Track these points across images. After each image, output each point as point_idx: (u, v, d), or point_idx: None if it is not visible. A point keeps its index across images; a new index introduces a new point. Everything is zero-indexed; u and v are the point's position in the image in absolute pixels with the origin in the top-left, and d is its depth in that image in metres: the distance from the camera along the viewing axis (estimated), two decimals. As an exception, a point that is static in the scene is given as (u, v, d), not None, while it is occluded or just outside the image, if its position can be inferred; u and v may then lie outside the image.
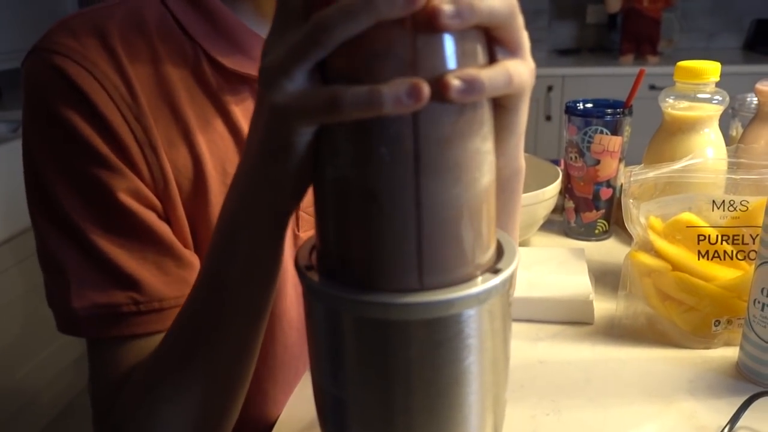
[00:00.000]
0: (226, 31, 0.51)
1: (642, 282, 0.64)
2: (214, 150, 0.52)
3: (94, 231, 0.47)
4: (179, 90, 0.50)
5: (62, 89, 0.46)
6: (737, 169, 0.62)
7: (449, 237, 0.32)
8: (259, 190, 0.36)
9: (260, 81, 0.32)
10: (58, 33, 0.48)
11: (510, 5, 0.30)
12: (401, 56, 0.29)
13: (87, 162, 0.46)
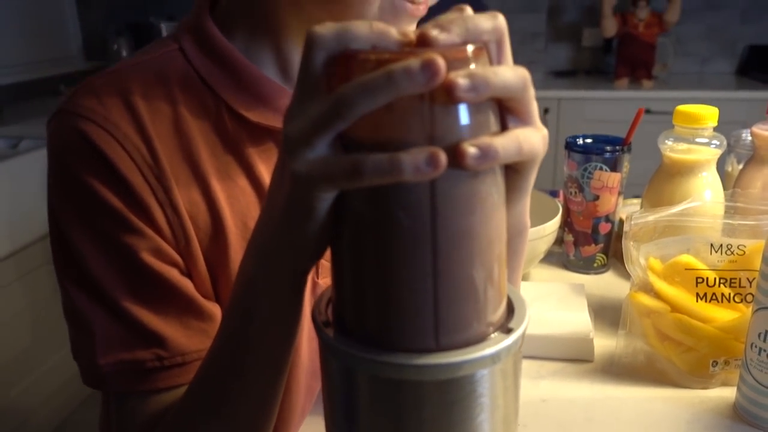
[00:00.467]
0: (249, 85, 0.52)
1: (641, 322, 0.65)
2: (235, 204, 0.52)
3: (118, 290, 0.48)
4: (200, 145, 0.51)
5: (85, 152, 0.47)
6: (734, 213, 0.64)
7: (464, 298, 0.33)
8: (279, 251, 0.37)
9: (283, 148, 0.33)
10: (82, 95, 0.49)
11: (523, 78, 0.32)
12: (419, 126, 0.30)
13: (110, 224, 0.47)
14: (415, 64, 0.28)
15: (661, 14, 2.66)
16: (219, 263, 0.52)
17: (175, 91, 0.51)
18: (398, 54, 0.30)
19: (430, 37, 0.30)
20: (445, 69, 0.28)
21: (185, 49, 0.52)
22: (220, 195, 0.52)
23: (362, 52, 0.31)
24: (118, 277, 0.48)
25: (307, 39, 0.32)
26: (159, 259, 0.49)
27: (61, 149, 0.48)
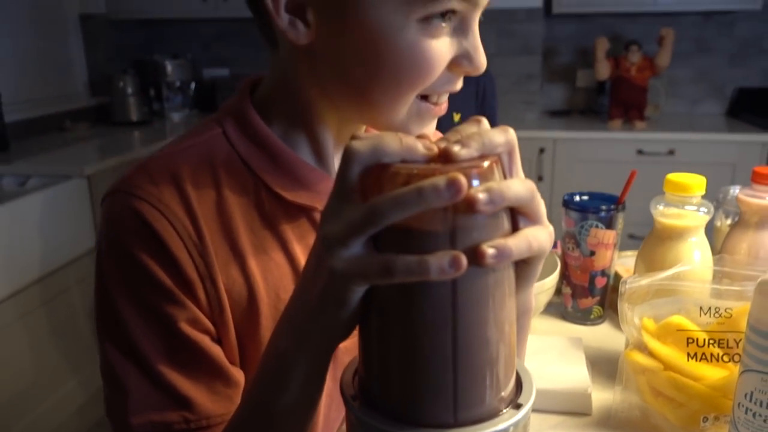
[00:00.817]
0: (286, 167, 0.57)
1: (636, 379, 0.69)
2: (269, 277, 0.57)
3: (155, 355, 0.52)
4: (239, 222, 0.55)
5: (139, 230, 0.52)
6: (722, 278, 0.69)
7: (480, 378, 0.38)
8: (312, 332, 0.42)
9: (321, 246, 0.38)
10: (138, 177, 0.54)
11: (530, 190, 0.37)
12: (443, 231, 0.35)
13: (155, 295, 0.52)
14: (441, 182, 0.33)
15: (653, 58, 2.75)
16: (249, 332, 0.56)
17: (219, 172, 0.56)
18: (424, 168, 0.35)
19: (453, 153, 0.36)
20: (467, 186, 0.33)
21: (228, 134, 0.57)
22: (256, 269, 0.56)
23: (393, 166, 0.36)
24: (156, 343, 0.52)
25: (346, 153, 0.37)
26: (195, 329, 0.53)
27: (117, 225, 0.53)
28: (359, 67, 0.52)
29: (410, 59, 0.50)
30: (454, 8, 0.49)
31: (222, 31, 3.39)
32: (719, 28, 2.97)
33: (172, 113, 3.17)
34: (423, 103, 0.54)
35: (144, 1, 3.07)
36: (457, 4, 0.49)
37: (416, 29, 0.49)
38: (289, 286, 0.57)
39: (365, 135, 0.37)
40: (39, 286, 1.92)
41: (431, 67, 0.51)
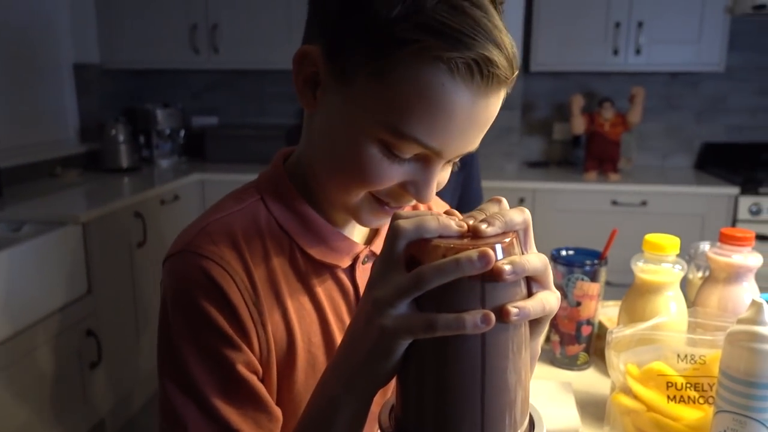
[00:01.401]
0: (314, 230, 0.65)
1: (622, 419, 0.77)
2: (303, 324, 0.65)
3: (211, 392, 0.58)
4: (280, 276, 0.64)
5: (204, 283, 0.59)
6: (696, 327, 0.77)
7: (503, 417, 0.45)
8: (361, 379, 0.49)
9: (371, 308, 0.46)
10: (200, 238, 0.62)
11: (545, 263, 0.46)
12: (475, 295, 0.43)
13: (217, 341, 0.59)
14: (474, 256, 0.42)
15: (625, 115, 2.91)
16: (287, 372, 0.64)
17: (264, 234, 0.64)
18: (459, 243, 0.44)
19: (480, 230, 0.44)
20: (495, 259, 0.42)
21: (266, 202, 0.66)
22: (293, 316, 0.64)
23: (433, 241, 0.44)
24: (213, 382, 0.59)
25: (393, 229, 0.45)
26: (248, 370, 0.60)
27: (184, 280, 0.60)
28: (328, 148, 0.60)
29: (363, 164, 0.56)
30: (416, 153, 0.56)
31: (212, 82, 3.49)
32: (686, 87, 3.16)
33: (161, 160, 3.23)
34: (375, 204, 0.61)
35: (137, 52, 3.17)
36: (420, 150, 0.55)
37: (379, 149, 0.56)
38: (317, 331, 0.65)
39: (407, 213, 0.46)
40: (32, 332, 1.93)
41: (377, 179, 0.57)
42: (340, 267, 0.67)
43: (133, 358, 2.48)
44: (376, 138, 0.55)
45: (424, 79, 0.51)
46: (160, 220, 2.63)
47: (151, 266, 2.58)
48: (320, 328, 0.66)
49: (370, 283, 0.48)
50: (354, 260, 0.67)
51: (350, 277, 0.68)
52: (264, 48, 3.09)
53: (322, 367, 0.66)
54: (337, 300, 0.67)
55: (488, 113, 0.55)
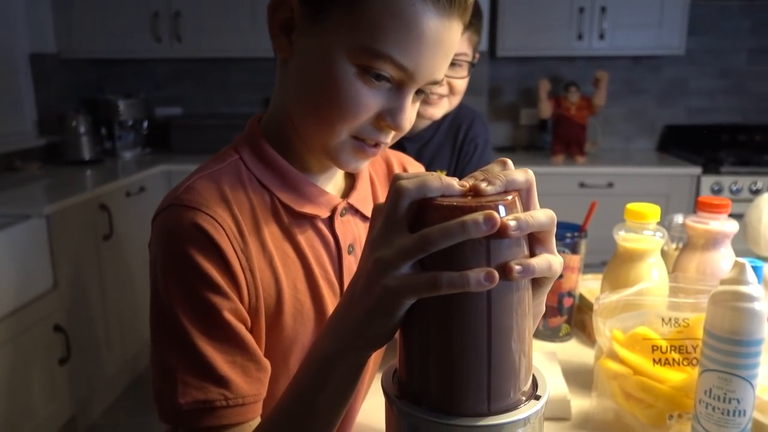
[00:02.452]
0: (291, 183, 0.69)
1: (610, 384, 0.78)
2: (288, 272, 0.67)
3: (200, 341, 0.59)
4: (264, 227, 0.66)
5: (193, 233, 0.61)
6: (678, 292, 0.79)
7: (508, 374, 0.45)
8: (357, 340, 0.49)
9: (373, 268, 0.46)
10: (187, 193, 0.64)
11: (551, 218, 0.46)
12: (480, 252, 0.43)
13: (205, 288, 0.60)
14: (480, 218, 0.41)
15: (590, 98, 2.96)
16: (275, 320, 0.66)
17: (247, 189, 0.67)
18: (462, 201, 0.44)
19: (481, 189, 0.44)
20: (499, 220, 0.42)
21: (245, 160, 0.69)
22: (278, 263, 0.67)
23: (437, 200, 0.44)
24: (202, 330, 0.60)
25: (396, 188, 0.45)
26: (235, 317, 0.62)
27: (173, 231, 0.62)
28: (304, 86, 0.63)
29: (339, 95, 0.60)
30: (390, 74, 0.59)
31: (175, 71, 3.42)
32: (648, 71, 3.23)
33: (124, 152, 3.16)
34: (356, 142, 0.64)
35: (96, 41, 3.09)
36: (393, 71, 0.59)
37: (355, 73, 0.59)
38: (302, 278, 0.68)
39: (409, 174, 0.46)
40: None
41: (356, 108, 0.60)
42: (319, 218, 0.70)
43: (104, 353, 2.43)
44: (353, 64, 0.59)
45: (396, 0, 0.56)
46: (126, 212, 2.57)
47: (118, 259, 2.53)
48: (305, 275, 0.69)
49: (372, 243, 0.47)
50: (332, 212, 0.71)
51: (330, 228, 0.71)
52: (228, 36, 3.04)
53: (309, 313, 0.69)
54: (318, 249, 0.70)
55: (451, 38, 0.60)
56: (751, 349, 0.67)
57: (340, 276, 0.72)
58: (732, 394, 0.68)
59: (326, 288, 0.71)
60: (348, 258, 0.73)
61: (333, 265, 0.72)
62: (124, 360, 2.59)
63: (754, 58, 3.17)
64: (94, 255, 2.36)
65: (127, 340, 2.60)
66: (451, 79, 1.29)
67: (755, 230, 1.10)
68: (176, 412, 0.59)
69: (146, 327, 0.64)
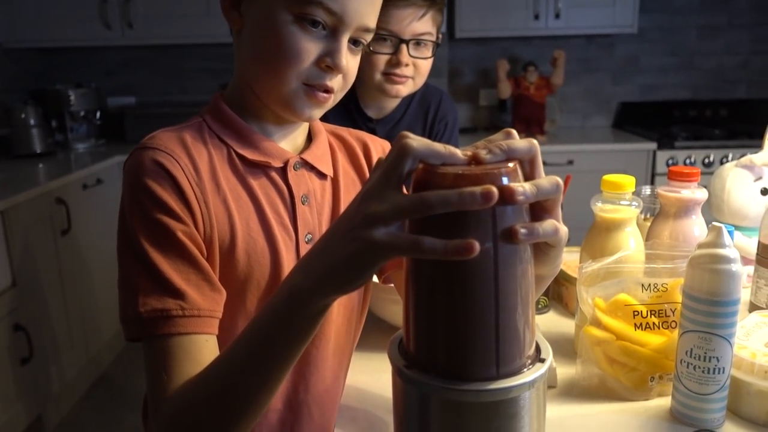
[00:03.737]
0: (247, 137, 0.76)
1: (594, 350, 0.80)
2: (241, 211, 0.74)
3: (158, 258, 0.66)
4: (220, 173, 0.73)
5: (154, 168, 0.68)
6: (655, 258, 0.82)
7: (515, 338, 0.46)
8: (329, 282, 0.51)
9: (361, 220, 0.47)
10: (151, 140, 0.71)
11: (556, 184, 0.47)
12: (485, 217, 0.44)
13: (161, 212, 0.67)
14: (478, 192, 0.42)
15: (548, 78, 3.00)
16: (229, 253, 0.72)
17: (207, 142, 0.75)
18: (466, 169, 0.44)
19: (481, 157, 0.45)
20: (498, 196, 0.42)
21: (207, 122, 0.77)
22: (232, 203, 0.73)
23: (442, 168, 0.44)
24: (159, 250, 0.66)
25: (401, 146, 0.45)
26: (189, 240, 0.68)
27: (137, 168, 0.69)
28: (254, 47, 0.72)
29: (283, 44, 0.68)
30: (323, 19, 0.68)
31: (127, 59, 3.33)
32: (602, 50, 3.29)
33: (77, 143, 3.06)
34: (307, 88, 0.72)
35: (42, 29, 2.97)
36: (325, 16, 0.68)
37: (293, 23, 0.68)
38: (255, 218, 0.75)
39: (415, 136, 0.45)
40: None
41: (298, 52, 0.69)
42: (272, 167, 0.77)
43: (67, 351, 2.36)
44: (290, 13, 0.68)
45: None
46: (84, 205, 2.49)
47: (77, 254, 2.45)
48: (257, 216, 0.75)
49: (364, 194, 0.48)
50: (285, 164, 0.77)
51: (283, 178, 0.77)
52: (181, 22, 2.96)
53: (263, 252, 0.74)
54: (272, 196, 0.76)
55: None
56: (729, 309, 0.69)
57: (295, 222, 0.77)
58: (712, 352, 0.70)
59: (280, 230, 0.76)
60: (302, 207, 0.78)
61: (288, 213, 0.77)
62: (87, 358, 2.52)
63: (703, 35, 3.27)
64: (53, 250, 2.29)
65: (90, 337, 2.54)
66: (416, 60, 1.29)
67: (719, 199, 1.14)
68: (137, 321, 0.65)
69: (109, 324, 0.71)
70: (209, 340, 0.66)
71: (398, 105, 1.41)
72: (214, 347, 0.67)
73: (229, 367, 0.60)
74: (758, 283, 0.97)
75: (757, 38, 3.27)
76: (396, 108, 1.41)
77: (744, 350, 0.76)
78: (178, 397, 0.62)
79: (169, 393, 0.63)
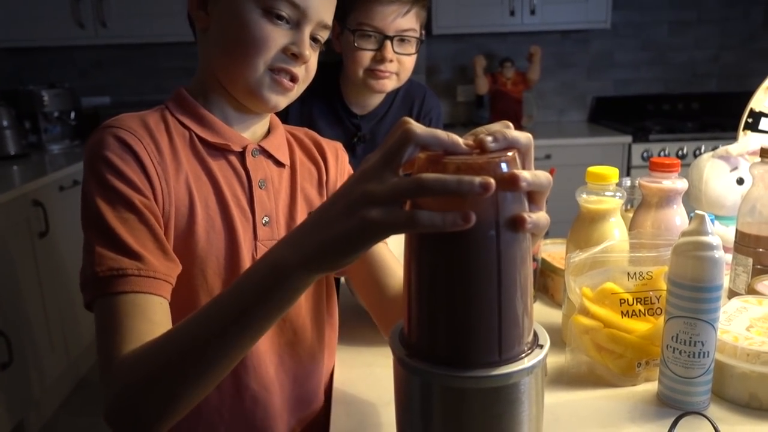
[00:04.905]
0: (207, 124, 0.80)
1: (582, 338, 0.82)
2: (200, 191, 0.77)
3: (115, 224, 0.68)
4: (182, 155, 0.77)
5: (116, 144, 0.72)
6: (639, 248, 0.84)
7: (515, 324, 0.48)
8: (317, 258, 0.51)
9: (359, 198, 0.47)
10: (114, 121, 0.75)
11: (549, 179, 0.48)
12: (490, 203, 0.45)
13: (121, 182, 0.70)
14: (477, 181, 0.43)
15: (525, 73, 3.04)
16: (188, 229, 0.76)
17: (170, 127, 0.78)
18: (468, 158, 0.45)
19: (486, 145, 0.46)
20: (494, 186, 0.43)
21: (170, 109, 0.80)
22: (192, 184, 0.77)
23: (445, 157, 0.45)
24: (117, 217, 0.69)
25: (404, 131, 0.46)
26: (147, 210, 0.71)
27: (99, 145, 0.72)
28: (223, 40, 0.76)
29: (251, 33, 0.74)
30: (288, 14, 0.74)
31: (101, 58, 3.28)
32: (576, 45, 3.34)
33: (51, 145, 3.01)
34: (273, 75, 0.76)
35: (12, 28, 2.91)
36: (289, 10, 0.74)
37: (259, 15, 0.74)
38: (213, 199, 0.78)
39: (417, 123, 0.46)
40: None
41: (265, 41, 0.74)
42: (231, 150, 0.80)
43: (48, 355, 2.33)
44: (258, 8, 0.73)
45: None
46: (61, 207, 2.46)
47: (56, 257, 2.42)
48: (215, 196, 0.78)
49: (362, 176, 0.48)
50: (244, 149, 0.81)
51: (242, 163, 0.81)
52: (156, 20, 2.93)
53: (220, 230, 0.78)
54: (231, 179, 0.80)
55: None
56: (713, 294, 0.72)
57: (252, 205, 0.81)
58: (697, 337, 0.73)
59: (237, 211, 0.79)
60: (259, 191, 0.81)
61: (245, 195, 0.80)
62: (68, 362, 2.49)
63: (674, 30, 3.33)
64: (31, 253, 2.25)
65: (70, 340, 2.50)
66: (400, 56, 1.30)
67: (697, 189, 1.17)
68: (93, 280, 0.67)
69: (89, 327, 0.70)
70: (163, 303, 0.69)
71: (382, 101, 1.42)
72: (167, 311, 0.69)
73: (195, 333, 0.60)
74: (736, 270, 1.00)
75: (726, 33, 3.34)
76: (380, 104, 1.42)
77: (727, 334, 0.79)
78: (131, 359, 0.62)
79: (122, 352, 0.63)
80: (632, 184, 1.10)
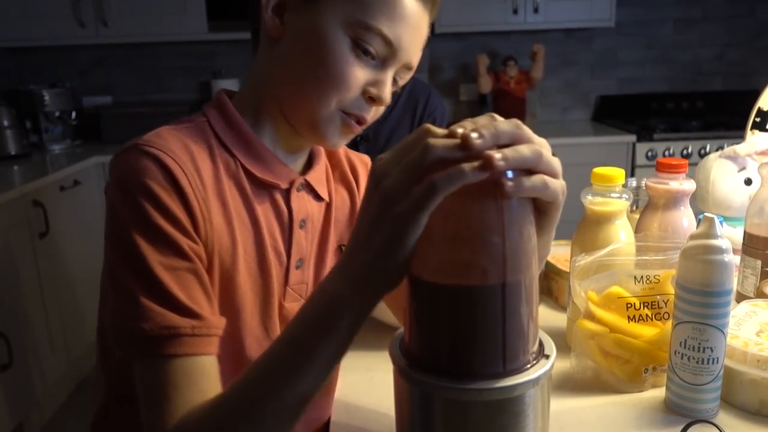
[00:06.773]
0: (255, 151, 0.72)
1: (587, 343, 0.80)
2: (242, 234, 0.70)
3: (163, 273, 0.60)
4: (226, 189, 0.69)
5: (156, 170, 0.62)
6: (646, 250, 0.82)
7: (521, 333, 0.46)
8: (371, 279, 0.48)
9: (381, 200, 0.45)
10: (151, 138, 0.65)
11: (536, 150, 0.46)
12: (494, 207, 0.43)
13: (167, 221, 0.61)
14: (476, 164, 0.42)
15: (528, 72, 3.02)
16: (229, 274, 0.69)
17: (214, 150, 0.70)
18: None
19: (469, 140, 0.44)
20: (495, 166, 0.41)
21: (212, 123, 0.71)
22: (236, 225, 0.69)
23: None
24: (164, 263, 0.60)
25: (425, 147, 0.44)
26: (196, 257, 0.63)
27: (135, 169, 0.62)
28: (297, 62, 0.67)
29: (337, 66, 0.65)
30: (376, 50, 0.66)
31: (102, 58, 3.27)
32: (580, 43, 3.31)
33: (52, 145, 3.00)
34: (344, 116, 0.69)
35: (13, 28, 2.90)
36: (379, 47, 0.66)
37: (348, 47, 0.65)
38: (252, 244, 0.71)
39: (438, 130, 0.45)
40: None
41: (348, 78, 0.66)
42: (278, 188, 0.73)
43: (48, 356, 2.32)
44: (347, 36, 0.65)
45: None
46: (62, 207, 2.45)
47: (56, 257, 2.41)
48: (254, 242, 0.72)
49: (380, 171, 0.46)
50: (290, 185, 0.74)
51: (286, 200, 0.74)
52: (157, 19, 2.92)
53: (256, 277, 0.72)
54: (270, 219, 0.73)
55: (424, 26, 0.69)
56: (722, 299, 0.70)
57: (289, 247, 0.75)
58: (706, 343, 0.71)
59: (273, 254, 0.73)
60: (299, 232, 0.76)
61: (283, 236, 0.75)
62: (68, 363, 2.48)
63: (679, 28, 3.31)
64: (31, 254, 2.24)
65: (71, 341, 2.49)
66: None
67: (703, 189, 1.15)
68: (140, 338, 0.59)
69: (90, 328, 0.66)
70: (214, 362, 0.62)
71: None
72: (217, 369, 0.62)
73: (259, 385, 0.54)
74: (744, 273, 0.98)
75: (732, 31, 3.32)
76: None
77: (736, 339, 0.77)
78: (189, 423, 0.57)
79: (174, 420, 0.57)
80: (638, 185, 1.08)
